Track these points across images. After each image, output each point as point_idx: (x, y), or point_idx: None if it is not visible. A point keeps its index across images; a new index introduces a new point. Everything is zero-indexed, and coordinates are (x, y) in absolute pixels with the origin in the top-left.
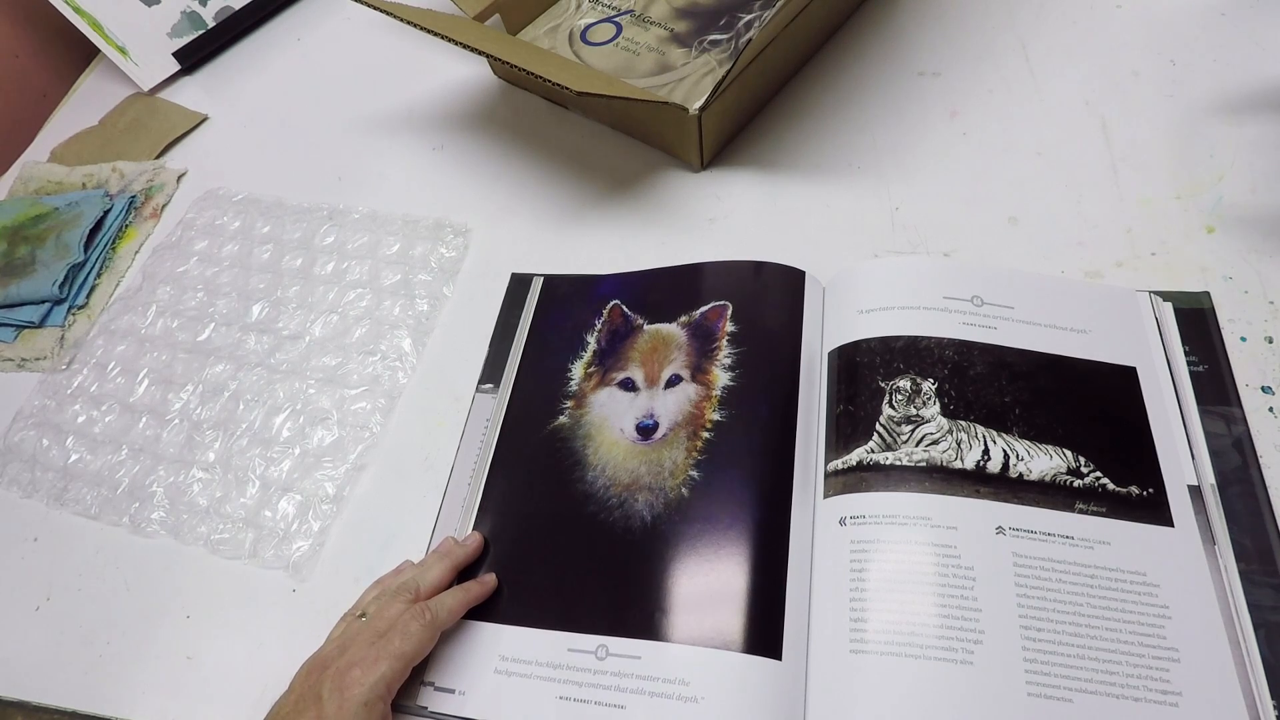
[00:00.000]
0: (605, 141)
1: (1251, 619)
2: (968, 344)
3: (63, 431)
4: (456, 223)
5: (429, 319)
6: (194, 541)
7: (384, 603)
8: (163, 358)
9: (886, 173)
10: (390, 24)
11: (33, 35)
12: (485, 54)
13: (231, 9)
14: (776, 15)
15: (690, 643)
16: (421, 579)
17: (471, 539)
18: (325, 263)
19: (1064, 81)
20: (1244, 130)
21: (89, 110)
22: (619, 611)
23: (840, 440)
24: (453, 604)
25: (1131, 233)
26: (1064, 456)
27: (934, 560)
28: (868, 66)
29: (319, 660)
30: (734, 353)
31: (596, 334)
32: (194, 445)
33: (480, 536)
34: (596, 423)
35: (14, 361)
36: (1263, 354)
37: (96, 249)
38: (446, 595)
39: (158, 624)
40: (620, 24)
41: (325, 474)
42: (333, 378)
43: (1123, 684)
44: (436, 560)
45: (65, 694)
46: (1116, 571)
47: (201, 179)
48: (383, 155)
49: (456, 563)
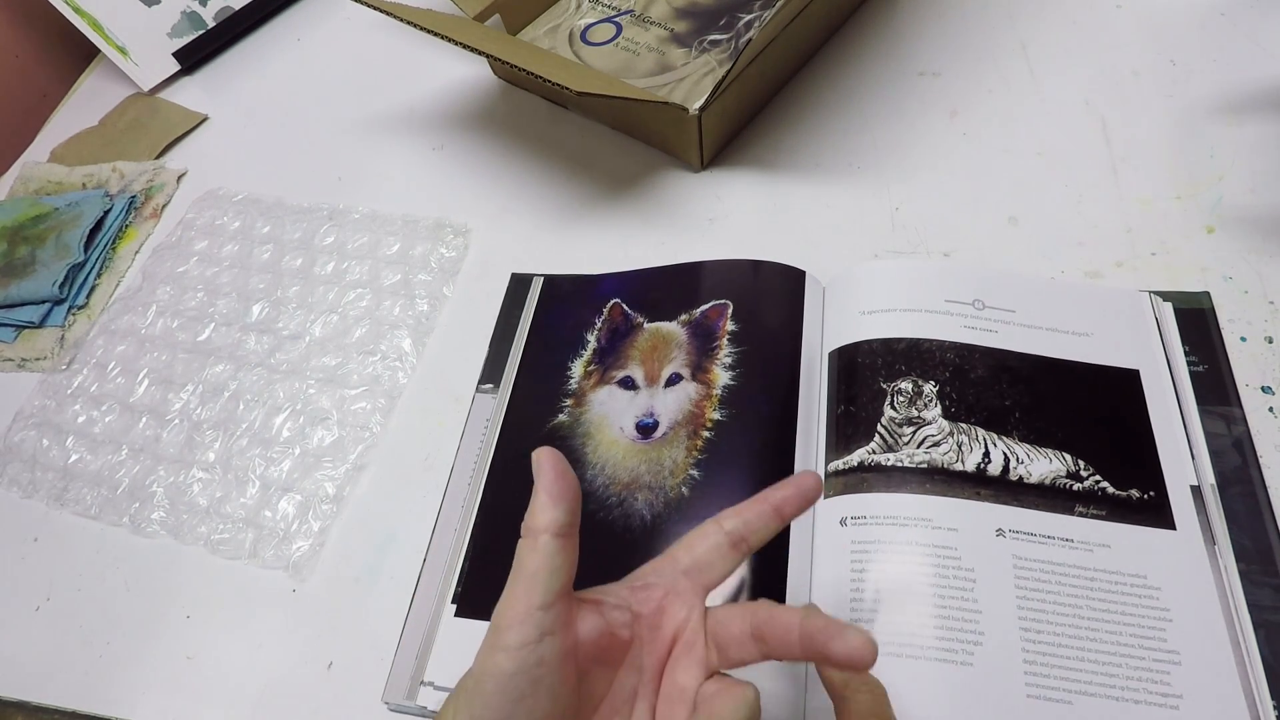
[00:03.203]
0: (605, 141)
1: (1252, 619)
2: (969, 347)
3: (63, 431)
4: (456, 223)
5: (429, 319)
6: (194, 541)
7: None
8: (163, 358)
9: (886, 173)
10: (390, 24)
11: (33, 35)
12: (485, 54)
13: (231, 9)
14: (776, 15)
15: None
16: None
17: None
18: (325, 263)
19: (1064, 81)
20: (1244, 130)
21: (89, 110)
22: None
23: (841, 441)
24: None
25: (1131, 233)
26: (1063, 460)
27: (934, 561)
28: (868, 66)
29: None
30: (734, 352)
31: (596, 332)
32: (194, 445)
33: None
34: (596, 421)
35: (14, 361)
36: (1263, 354)
37: (96, 249)
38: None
39: (158, 624)
40: (620, 24)
41: (325, 474)
42: (333, 378)
43: (1123, 686)
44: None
45: (65, 694)
46: (1117, 574)
47: (201, 179)
48: (383, 155)
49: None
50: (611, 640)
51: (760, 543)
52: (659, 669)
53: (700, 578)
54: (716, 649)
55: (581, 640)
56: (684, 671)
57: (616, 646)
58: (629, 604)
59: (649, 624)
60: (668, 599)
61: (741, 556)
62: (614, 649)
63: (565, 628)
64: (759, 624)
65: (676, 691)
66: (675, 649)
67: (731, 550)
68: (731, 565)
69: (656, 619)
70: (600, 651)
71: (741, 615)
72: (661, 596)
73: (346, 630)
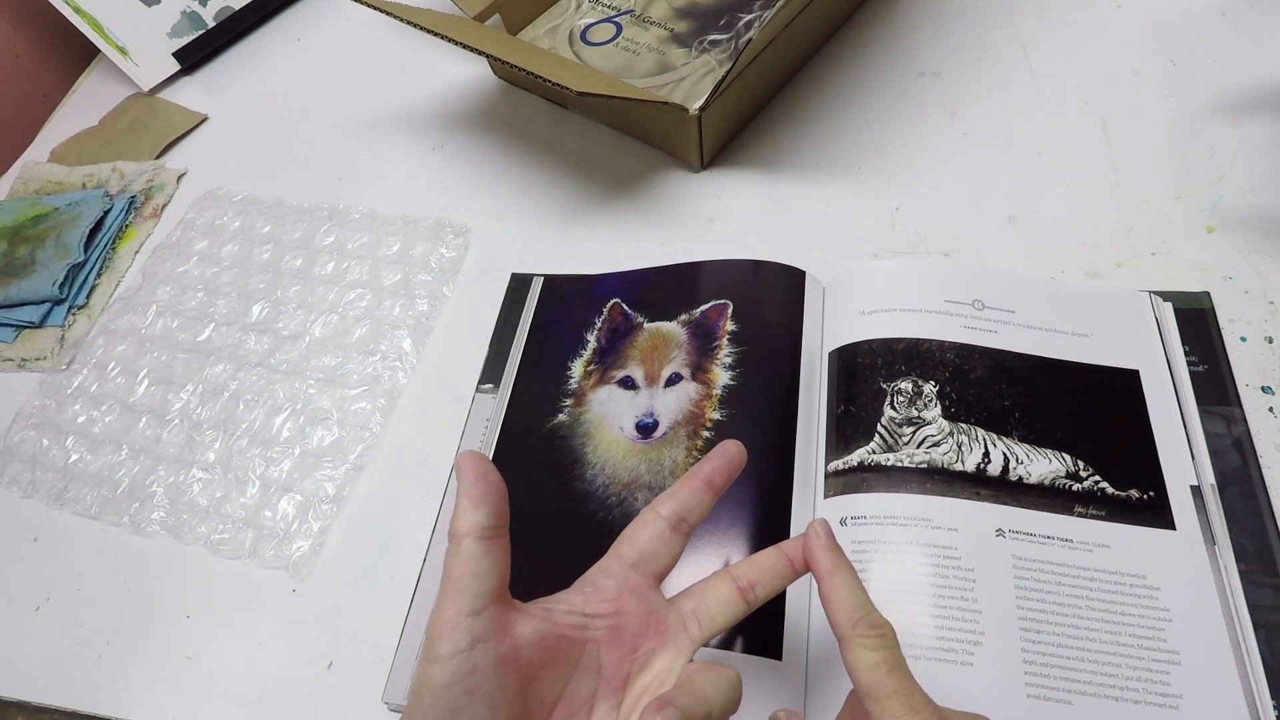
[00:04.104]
0: (605, 141)
1: (1252, 619)
2: (969, 347)
3: (63, 431)
4: (456, 223)
5: (429, 319)
6: (194, 541)
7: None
8: (163, 358)
9: (886, 173)
10: (390, 24)
11: (33, 35)
12: (485, 54)
13: (231, 9)
14: (776, 15)
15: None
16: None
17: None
18: (325, 263)
19: (1064, 81)
20: (1244, 130)
21: (89, 110)
22: None
23: (841, 440)
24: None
25: (1131, 233)
26: (1063, 461)
27: (934, 562)
28: (867, 66)
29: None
30: (734, 352)
31: (596, 332)
32: (194, 445)
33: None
34: (596, 421)
35: (14, 361)
36: (1263, 354)
37: (96, 249)
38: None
39: (158, 624)
40: (620, 24)
41: (325, 474)
42: (333, 378)
43: (1123, 686)
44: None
45: (65, 694)
46: (1117, 574)
47: (201, 179)
48: (383, 155)
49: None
50: (560, 642)
51: (699, 519)
52: (621, 667)
53: (649, 568)
54: (702, 621)
55: (522, 645)
56: (662, 658)
57: (566, 649)
58: (581, 609)
59: (607, 624)
60: (622, 597)
61: (684, 538)
62: (563, 651)
63: (500, 633)
64: (742, 576)
65: (654, 676)
66: (647, 640)
67: (673, 533)
68: (677, 549)
69: (615, 618)
70: (547, 655)
71: (723, 581)
72: (616, 595)
73: (346, 630)
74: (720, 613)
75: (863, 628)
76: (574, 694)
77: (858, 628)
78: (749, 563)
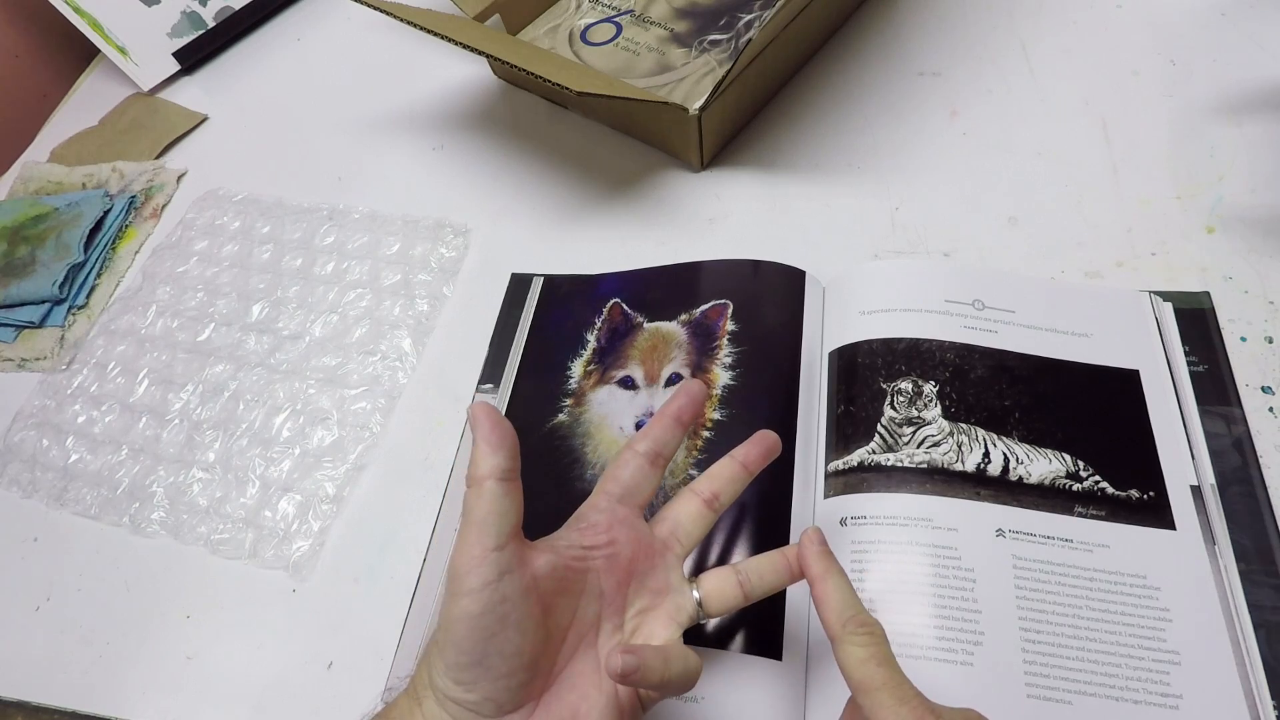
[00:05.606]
0: (605, 141)
1: (1252, 619)
2: (969, 347)
3: (63, 431)
4: (456, 223)
5: (429, 319)
6: (194, 541)
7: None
8: (163, 358)
9: (886, 173)
10: (390, 24)
11: (33, 35)
12: (485, 54)
13: (231, 9)
14: (776, 15)
15: (689, 643)
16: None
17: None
18: (325, 263)
19: (1064, 81)
20: (1244, 130)
21: (89, 110)
22: None
23: (841, 440)
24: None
25: (1131, 233)
26: (1063, 461)
27: (934, 562)
28: (867, 66)
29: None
30: (734, 352)
31: (596, 332)
32: (194, 445)
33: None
34: (596, 421)
35: (14, 361)
36: (1263, 354)
37: (96, 249)
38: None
39: (158, 624)
40: (620, 24)
41: (325, 474)
42: (333, 378)
43: (1123, 686)
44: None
45: (65, 694)
46: (1117, 574)
47: (201, 179)
48: (383, 155)
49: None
50: (568, 572)
51: (672, 453)
52: (620, 590)
53: (633, 500)
54: (681, 538)
55: (539, 575)
56: (655, 577)
57: (574, 578)
58: (579, 543)
59: (604, 553)
60: (613, 528)
61: (662, 470)
62: (571, 580)
63: (522, 565)
64: (704, 489)
65: (650, 595)
66: (640, 564)
67: (651, 467)
68: (656, 480)
69: (610, 548)
70: (559, 584)
71: (689, 499)
72: (608, 527)
73: (346, 630)
74: (694, 526)
75: (853, 626)
76: (582, 617)
77: (848, 626)
78: (707, 476)
